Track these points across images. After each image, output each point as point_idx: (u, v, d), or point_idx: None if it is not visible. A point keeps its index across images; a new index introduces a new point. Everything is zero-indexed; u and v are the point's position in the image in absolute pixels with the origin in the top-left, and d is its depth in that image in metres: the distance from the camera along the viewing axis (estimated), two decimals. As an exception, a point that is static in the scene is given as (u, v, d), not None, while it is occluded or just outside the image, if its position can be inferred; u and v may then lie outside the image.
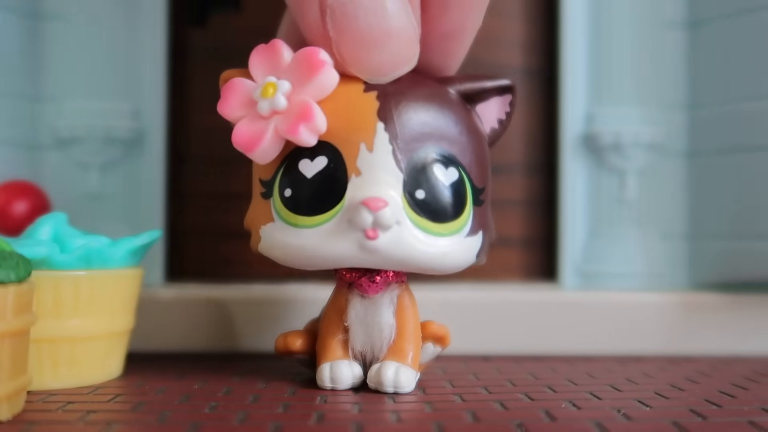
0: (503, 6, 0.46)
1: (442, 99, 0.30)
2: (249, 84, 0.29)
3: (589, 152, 0.43)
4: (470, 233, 0.29)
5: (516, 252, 0.45)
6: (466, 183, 0.29)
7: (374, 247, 0.28)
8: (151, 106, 0.41)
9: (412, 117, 0.29)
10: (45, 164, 0.41)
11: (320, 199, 0.28)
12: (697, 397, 0.29)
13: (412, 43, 0.29)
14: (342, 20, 0.28)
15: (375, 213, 0.27)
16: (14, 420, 0.25)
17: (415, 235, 0.28)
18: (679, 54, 0.43)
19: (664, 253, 0.42)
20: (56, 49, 0.41)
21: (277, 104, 0.28)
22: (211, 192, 0.44)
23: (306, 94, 0.28)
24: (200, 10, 0.45)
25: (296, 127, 0.28)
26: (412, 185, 0.28)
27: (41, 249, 0.30)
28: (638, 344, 0.40)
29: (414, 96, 0.29)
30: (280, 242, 0.29)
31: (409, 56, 0.29)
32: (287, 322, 0.38)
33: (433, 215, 0.28)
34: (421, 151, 0.29)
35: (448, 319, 0.33)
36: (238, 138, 0.29)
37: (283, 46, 0.29)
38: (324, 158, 0.28)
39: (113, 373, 0.33)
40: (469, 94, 0.31)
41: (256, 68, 0.29)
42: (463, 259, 0.29)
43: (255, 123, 0.29)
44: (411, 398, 0.29)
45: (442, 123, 0.29)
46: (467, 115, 0.30)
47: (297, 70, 0.28)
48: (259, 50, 0.29)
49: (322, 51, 0.28)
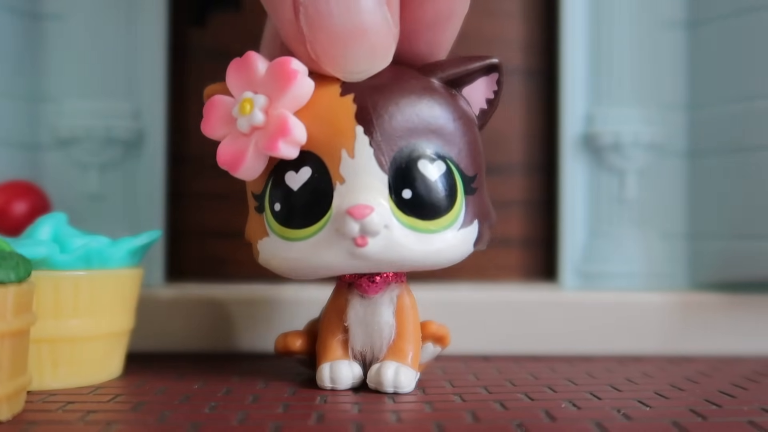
0: (503, 6, 0.46)
1: (423, 91, 0.29)
2: (228, 101, 0.29)
3: (589, 152, 0.43)
4: (464, 225, 0.29)
5: (516, 252, 0.45)
6: (455, 174, 0.29)
7: (364, 254, 0.28)
8: (150, 106, 0.41)
9: (392, 115, 0.28)
10: (45, 164, 0.41)
11: (308, 211, 0.28)
12: (697, 397, 0.29)
13: (387, 39, 0.28)
14: (315, 17, 0.27)
15: (361, 221, 0.27)
16: (14, 420, 0.25)
17: (406, 235, 0.28)
18: (678, 54, 0.43)
19: (664, 253, 0.42)
20: (56, 49, 0.41)
21: (255, 120, 0.28)
22: (210, 192, 0.44)
23: (282, 107, 0.28)
24: (200, 10, 0.45)
25: (275, 142, 0.27)
26: (397, 186, 0.28)
27: (41, 249, 0.30)
28: (638, 344, 0.40)
29: (391, 93, 0.28)
30: (276, 256, 0.29)
31: (385, 53, 0.28)
32: (287, 322, 0.38)
33: (422, 213, 0.28)
34: (404, 149, 0.28)
35: (448, 319, 0.33)
36: (222, 158, 0.29)
37: (257, 58, 0.29)
38: (308, 169, 0.28)
39: (113, 373, 0.33)
40: (453, 80, 0.30)
41: (233, 84, 0.29)
42: (459, 252, 0.29)
43: (236, 141, 0.28)
44: (411, 398, 0.29)
45: (424, 116, 0.29)
46: (452, 102, 0.30)
47: (271, 82, 0.28)
48: (234, 65, 0.29)
49: (294, 60, 0.28)
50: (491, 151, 0.45)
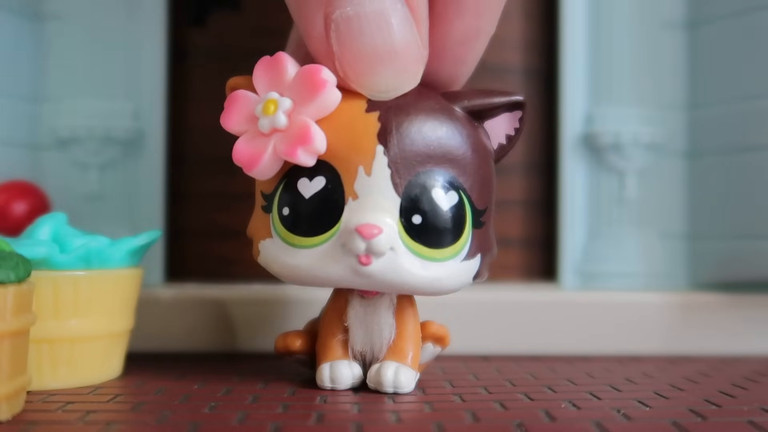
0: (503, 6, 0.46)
1: (446, 118, 0.29)
2: (252, 98, 0.29)
3: (588, 152, 0.43)
4: (467, 257, 0.29)
5: (516, 252, 0.45)
6: (467, 206, 0.29)
7: (367, 273, 0.27)
8: (150, 106, 0.41)
9: (413, 139, 0.28)
10: (45, 164, 0.41)
11: (317, 220, 0.28)
12: (696, 397, 0.29)
13: (416, 60, 0.28)
14: (347, 36, 0.27)
15: (368, 240, 0.27)
16: (14, 420, 0.25)
17: (410, 260, 0.28)
18: (678, 54, 0.43)
19: (664, 253, 0.42)
20: (56, 49, 0.41)
21: (277, 122, 0.28)
22: (210, 192, 0.44)
23: (306, 114, 0.28)
24: (200, 10, 0.45)
25: (294, 149, 0.27)
26: (409, 210, 0.28)
27: (41, 249, 0.30)
28: (638, 344, 0.40)
29: (416, 116, 0.28)
30: (277, 260, 0.29)
31: (414, 74, 0.28)
32: (287, 322, 0.38)
33: (429, 240, 0.28)
34: (421, 174, 0.28)
35: (447, 319, 0.33)
36: (239, 155, 0.28)
37: (288, 60, 0.28)
38: (322, 179, 0.28)
39: (113, 373, 0.33)
40: (477, 111, 0.30)
41: (260, 82, 0.29)
42: (458, 283, 0.29)
43: (255, 140, 0.28)
44: (411, 398, 0.29)
45: (444, 144, 0.28)
46: (473, 133, 0.29)
47: (299, 87, 0.28)
48: (264, 63, 0.29)
49: (325, 69, 0.28)
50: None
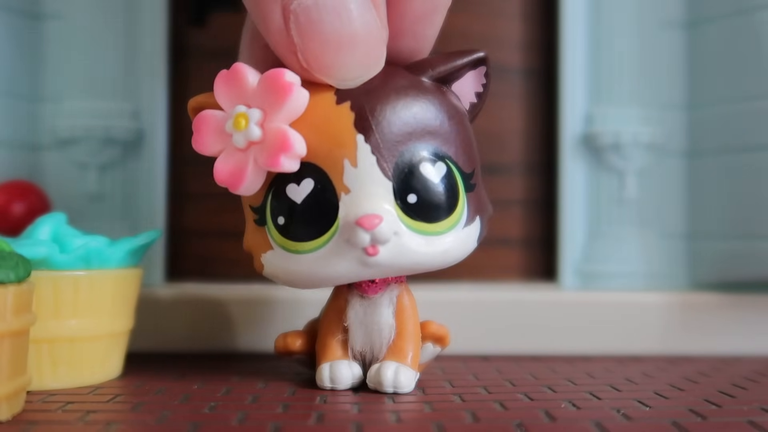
0: (503, 6, 0.46)
1: (417, 92, 0.29)
2: (219, 115, 0.28)
3: (588, 152, 0.43)
4: (467, 222, 0.29)
5: (515, 252, 0.45)
6: (456, 173, 0.29)
7: (376, 262, 0.27)
8: (150, 106, 0.41)
9: (390, 121, 0.28)
10: (45, 164, 0.41)
11: (314, 223, 0.28)
12: (696, 397, 0.29)
13: (379, 44, 0.28)
14: (307, 25, 0.27)
15: (371, 231, 0.27)
16: (14, 420, 0.25)
17: (414, 240, 0.28)
18: (678, 54, 0.43)
19: (664, 253, 0.42)
20: (56, 49, 0.41)
21: (251, 135, 0.27)
22: (210, 192, 0.44)
23: (279, 121, 0.27)
24: (200, 10, 0.45)
25: (277, 158, 0.27)
26: (402, 191, 0.28)
27: (41, 249, 0.30)
28: (638, 344, 0.40)
29: (387, 98, 0.28)
30: (284, 270, 0.29)
31: (377, 58, 0.28)
32: (287, 322, 0.38)
33: (428, 216, 0.28)
34: (405, 153, 0.28)
35: (447, 319, 0.33)
36: (221, 176, 0.28)
37: (246, 69, 0.28)
38: (310, 180, 0.28)
39: (113, 373, 0.33)
40: (443, 77, 0.30)
41: (223, 97, 0.28)
42: (465, 250, 0.29)
43: (233, 157, 0.28)
44: (410, 398, 0.29)
45: (420, 119, 0.28)
46: (444, 99, 0.29)
47: (265, 95, 0.27)
48: (223, 77, 0.28)
49: (288, 72, 0.27)
50: (491, 151, 0.45)
